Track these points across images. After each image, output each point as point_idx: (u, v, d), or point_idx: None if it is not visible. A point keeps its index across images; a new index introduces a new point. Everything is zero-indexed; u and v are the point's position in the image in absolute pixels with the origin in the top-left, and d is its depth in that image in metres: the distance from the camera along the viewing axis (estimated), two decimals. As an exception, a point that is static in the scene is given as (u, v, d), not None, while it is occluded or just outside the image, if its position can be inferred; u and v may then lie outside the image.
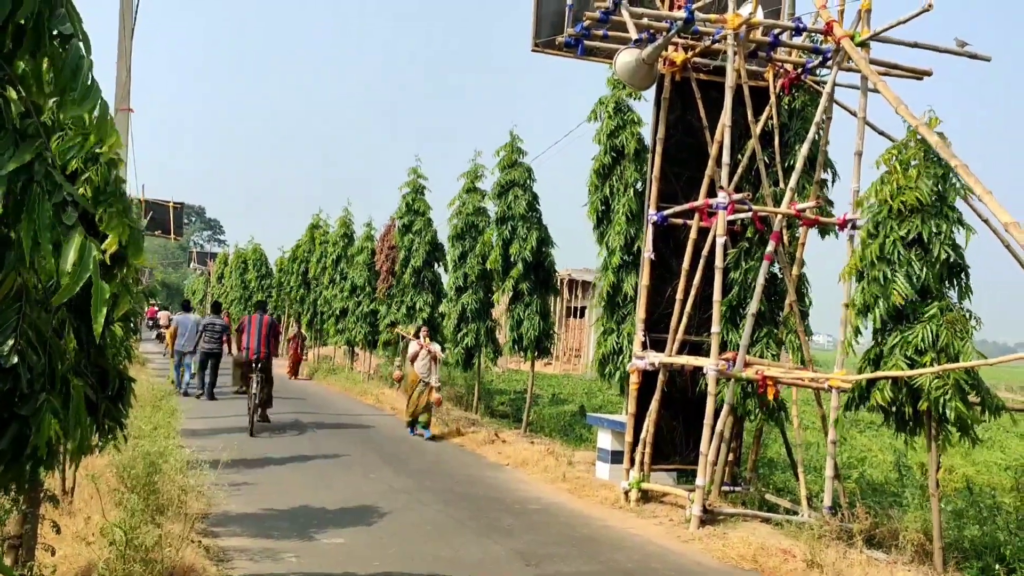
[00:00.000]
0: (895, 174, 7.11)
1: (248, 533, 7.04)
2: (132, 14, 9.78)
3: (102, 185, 3.42)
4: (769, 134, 9.62)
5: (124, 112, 10.18)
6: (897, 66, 9.05)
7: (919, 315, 6.87)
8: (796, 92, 9.86)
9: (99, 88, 2.19)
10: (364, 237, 23.21)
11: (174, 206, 28.83)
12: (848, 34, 8.40)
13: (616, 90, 12.20)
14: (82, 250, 2.15)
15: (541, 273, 14.74)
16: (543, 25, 9.89)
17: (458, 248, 16.74)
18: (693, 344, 9.77)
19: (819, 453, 12.58)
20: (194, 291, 61.78)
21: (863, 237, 7.35)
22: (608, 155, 12.14)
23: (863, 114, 8.54)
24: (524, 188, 14.74)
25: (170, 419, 11.32)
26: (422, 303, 18.42)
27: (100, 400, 4.68)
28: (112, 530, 5.23)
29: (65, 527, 5.71)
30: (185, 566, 5.64)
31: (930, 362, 6.64)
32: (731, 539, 7.72)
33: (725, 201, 8.52)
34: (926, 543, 7.09)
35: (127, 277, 4.35)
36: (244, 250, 39.82)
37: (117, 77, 10.02)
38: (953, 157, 6.77)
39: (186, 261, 77.47)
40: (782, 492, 10.20)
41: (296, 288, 29.56)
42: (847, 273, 7.59)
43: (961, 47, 8.55)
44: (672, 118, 9.88)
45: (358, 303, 22.40)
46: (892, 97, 7.49)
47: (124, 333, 5.10)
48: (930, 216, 6.89)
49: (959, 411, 6.50)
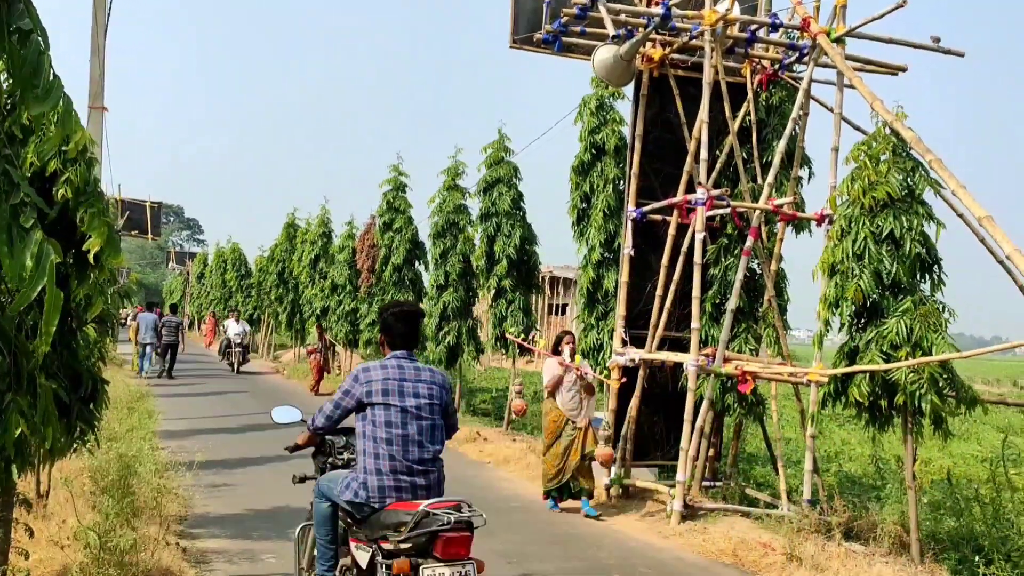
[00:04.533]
0: (866, 169, 7.16)
1: (227, 535, 6.99)
2: (105, 10, 9.65)
3: (82, 186, 3.38)
4: (747, 130, 9.65)
5: (98, 110, 10.06)
6: (872, 62, 9.10)
7: (893, 309, 6.91)
8: (773, 88, 9.90)
9: (61, 84, 2.15)
10: (345, 235, 23.10)
11: (152, 205, 28.60)
12: (824, 30, 8.44)
13: (599, 88, 12.22)
14: (40, 254, 2.10)
15: (524, 270, 14.74)
16: (521, 21, 9.86)
17: (439, 246, 16.68)
18: (673, 340, 9.79)
19: (798, 447, 12.67)
20: (172, 291, 61.29)
21: (834, 232, 7.40)
22: (588, 152, 12.16)
23: (839, 110, 8.59)
24: (509, 185, 14.73)
25: (147, 420, 11.22)
26: (403, 301, 18.34)
27: (73, 402, 4.62)
28: (86, 533, 5.17)
29: (39, 531, 5.64)
30: (162, 569, 5.59)
31: (905, 356, 6.69)
32: (712, 534, 7.75)
33: (704, 197, 8.54)
34: (904, 535, 7.15)
35: (101, 278, 4.30)
36: (224, 249, 39.56)
37: (90, 74, 9.89)
38: (928, 152, 6.81)
39: (164, 261, 76.76)
40: (762, 487, 10.26)
41: (274, 287, 29.39)
42: (820, 268, 7.64)
43: (935, 43, 8.62)
44: (651, 115, 9.89)
45: (339, 302, 22.30)
46: (867, 93, 7.53)
47: (98, 335, 5.04)
48: (901, 211, 6.94)
49: (934, 404, 6.55)
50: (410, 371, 4.39)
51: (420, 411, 4.31)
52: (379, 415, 4.27)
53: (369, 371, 4.39)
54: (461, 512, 4.04)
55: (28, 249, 2.09)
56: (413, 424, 4.28)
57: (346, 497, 4.29)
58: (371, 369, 4.39)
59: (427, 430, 4.31)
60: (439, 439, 4.39)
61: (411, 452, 4.25)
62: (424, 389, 4.38)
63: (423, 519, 3.99)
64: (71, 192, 3.18)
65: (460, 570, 3.99)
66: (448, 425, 4.52)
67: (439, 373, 4.56)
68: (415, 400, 4.32)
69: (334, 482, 4.46)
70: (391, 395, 4.29)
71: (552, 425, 8.85)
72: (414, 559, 3.96)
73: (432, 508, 4.01)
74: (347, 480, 4.33)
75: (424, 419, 4.31)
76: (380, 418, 4.26)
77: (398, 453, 4.22)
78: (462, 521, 4.03)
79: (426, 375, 4.43)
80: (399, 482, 4.22)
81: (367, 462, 4.25)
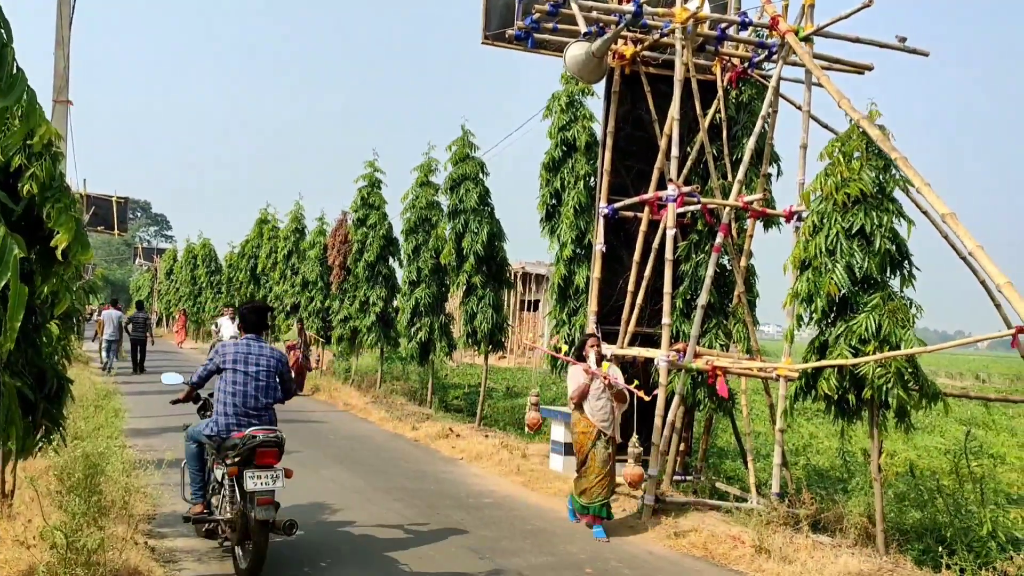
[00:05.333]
0: (839, 166, 7.25)
1: (196, 534, 6.91)
2: (70, 3, 9.48)
3: (48, 181, 3.33)
4: (717, 127, 9.73)
5: (63, 104, 9.88)
6: (840, 60, 9.22)
7: (863, 305, 7.01)
8: (743, 86, 9.99)
9: (25, 77, 2.11)
10: (316, 231, 22.96)
11: (118, 200, 28.16)
12: (792, 29, 8.54)
13: (568, 85, 12.24)
14: (3, 249, 2.07)
15: (493, 266, 14.73)
16: (492, 17, 9.86)
17: (412, 242, 16.64)
18: (645, 336, 9.85)
19: (767, 441, 12.82)
20: (139, 287, 60.45)
21: (806, 228, 7.48)
22: (559, 148, 12.19)
23: (807, 107, 8.68)
24: (476, 182, 14.70)
25: (114, 419, 11.07)
26: (375, 297, 18.30)
27: (37, 400, 4.56)
28: (53, 533, 5.09)
29: (4, 531, 5.55)
30: (130, 568, 5.51)
31: (873, 351, 6.79)
32: (682, 527, 7.82)
33: (675, 194, 8.60)
34: (869, 526, 7.27)
35: (67, 275, 4.23)
36: (194, 245, 39.12)
37: (55, 67, 9.71)
38: (894, 150, 6.92)
39: (131, 257, 75.66)
40: (732, 480, 10.36)
41: (245, 284, 29.11)
42: (791, 264, 7.72)
43: (901, 42, 8.75)
44: (622, 111, 9.94)
45: (311, 298, 22.15)
46: (835, 91, 7.63)
47: (62, 332, 4.96)
48: (872, 208, 7.03)
49: (900, 398, 6.66)
50: (255, 348, 6.31)
51: (258, 376, 6.22)
52: (228, 376, 6.18)
53: (226, 347, 6.29)
54: (273, 436, 5.94)
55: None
56: (251, 383, 6.18)
57: (205, 432, 6.24)
58: (227, 346, 6.29)
59: (262, 389, 6.22)
60: (271, 396, 6.27)
61: (248, 401, 6.15)
62: (264, 361, 6.28)
63: (248, 441, 5.87)
64: (37, 187, 3.13)
65: (272, 474, 5.86)
66: (284, 389, 6.40)
67: (277, 351, 6.44)
68: (255, 368, 6.22)
69: (200, 426, 6.43)
70: (239, 363, 6.19)
71: (582, 438, 7.90)
72: (241, 467, 5.85)
73: (254, 433, 5.91)
74: (206, 422, 6.32)
75: (260, 381, 6.22)
76: (229, 378, 6.17)
77: (239, 401, 6.13)
78: (270, 440, 5.91)
79: (266, 351, 6.33)
80: (240, 421, 6.09)
81: (219, 407, 6.17)
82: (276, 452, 5.94)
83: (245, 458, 5.84)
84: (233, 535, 5.97)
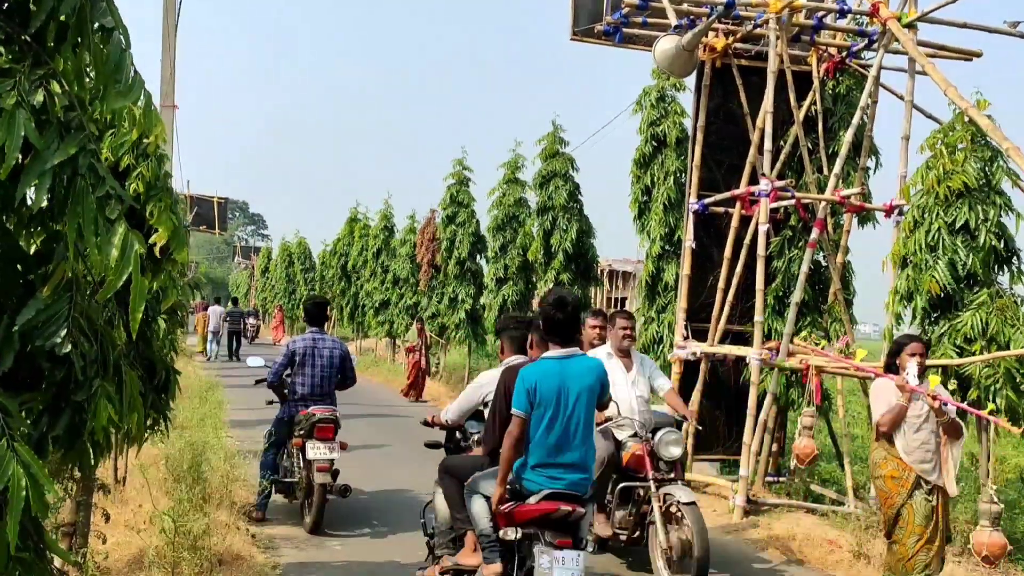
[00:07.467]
0: (941, 158, 6.95)
1: (293, 522, 7.15)
2: (176, 9, 9.93)
3: (152, 180, 3.49)
4: (813, 120, 9.45)
5: (168, 108, 10.36)
6: (946, 47, 8.82)
7: (968, 302, 6.71)
8: (841, 76, 9.67)
9: (143, 80, 2.23)
10: (407, 229, 23.32)
11: (218, 201, 29.30)
12: (895, 15, 8.21)
13: (660, 80, 12.09)
14: (125, 245, 2.19)
15: (582, 264, 14.69)
16: (581, 13, 9.82)
17: (499, 239, 16.73)
18: (736, 334, 9.66)
19: (864, 444, 12.37)
20: (238, 284, 62.71)
21: (906, 223, 7.21)
22: (649, 144, 12.07)
23: (910, 97, 8.35)
24: (565, 179, 14.68)
25: (217, 410, 11.53)
26: (464, 295, 18.48)
27: (147, 391, 4.79)
28: (162, 518, 5.35)
29: (116, 515, 5.87)
30: (232, 553, 5.75)
31: (980, 350, 6.49)
32: (775, 529, 7.63)
33: (767, 188, 8.40)
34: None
35: (173, 271, 4.43)
36: (290, 243, 40.30)
37: (161, 73, 10.19)
38: (1005, 139, 6.58)
39: (231, 255, 78.63)
40: (828, 483, 10.04)
41: (336, 281, 29.85)
42: (891, 260, 7.45)
43: (1013, 27, 8.30)
44: (713, 105, 9.75)
45: (400, 295, 22.53)
46: (941, 79, 7.30)
47: (169, 326, 5.19)
48: (977, 201, 6.72)
49: (1010, 400, 6.34)
50: (320, 341, 7.36)
51: (323, 367, 7.28)
52: (297, 368, 7.25)
53: (296, 342, 7.38)
54: (331, 415, 7.02)
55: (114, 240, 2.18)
56: (319, 373, 7.27)
57: (285, 416, 7.31)
58: (296, 342, 7.38)
59: (325, 378, 7.30)
60: (333, 382, 7.37)
61: (316, 388, 7.24)
62: (327, 352, 7.33)
63: (310, 418, 6.97)
64: (142, 186, 3.29)
65: (330, 445, 6.94)
66: (345, 376, 7.46)
67: (340, 343, 7.54)
68: (321, 360, 7.29)
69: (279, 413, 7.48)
70: (308, 356, 7.25)
71: (891, 486, 5.45)
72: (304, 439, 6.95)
73: (315, 412, 6.98)
74: (286, 406, 7.34)
75: (325, 369, 7.29)
76: (298, 369, 7.25)
77: (308, 387, 7.22)
78: (327, 418, 6.98)
79: (328, 343, 7.40)
80: (307, 402, 7.16)
81: (291, 394, 7.29)
82: (333, 428, 6.96)
83: (308, 432, 6.89)
84: (300, 493, 7.09)
